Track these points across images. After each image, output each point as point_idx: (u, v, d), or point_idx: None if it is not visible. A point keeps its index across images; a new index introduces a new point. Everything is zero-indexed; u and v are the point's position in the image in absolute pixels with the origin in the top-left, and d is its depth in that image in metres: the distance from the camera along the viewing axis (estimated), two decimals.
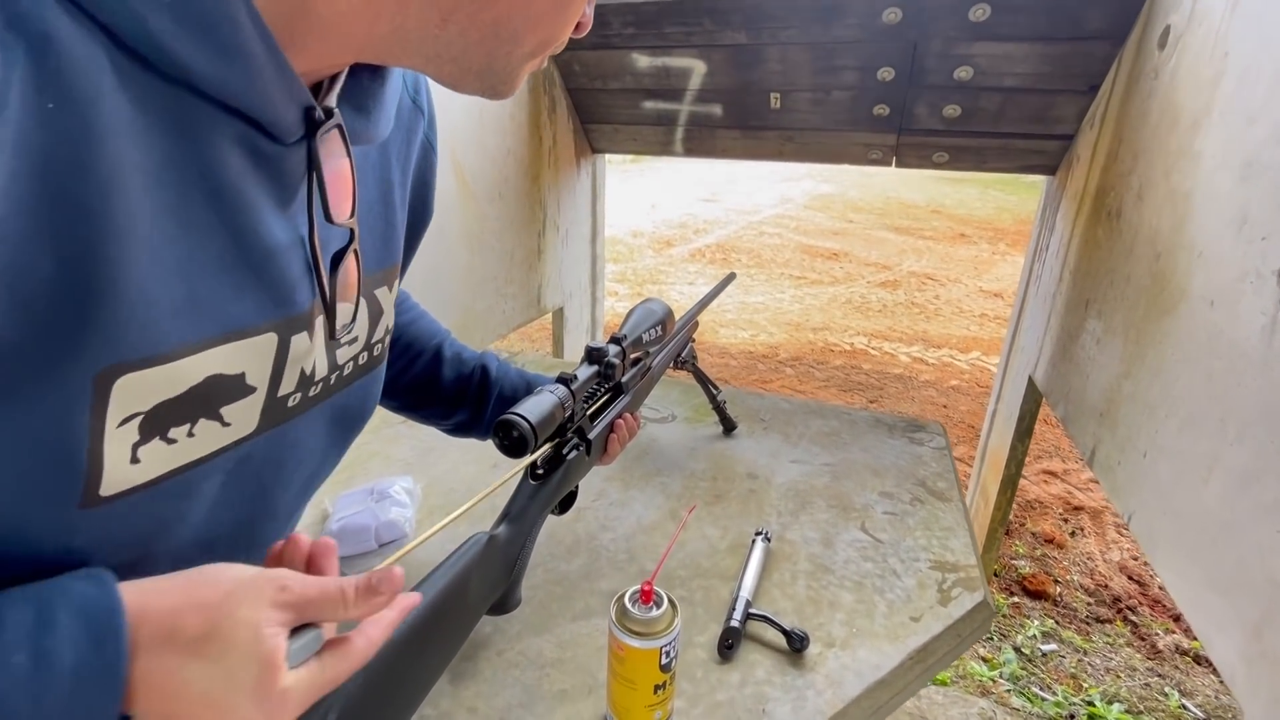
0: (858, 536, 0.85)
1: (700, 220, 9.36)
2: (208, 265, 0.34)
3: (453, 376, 0.71)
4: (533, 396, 0.53)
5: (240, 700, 0.30)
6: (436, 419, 0.73)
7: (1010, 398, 1.82)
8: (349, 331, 0.46)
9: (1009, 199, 15.40)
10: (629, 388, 0.73)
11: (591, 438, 0.65)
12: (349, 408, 0.50)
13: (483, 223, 1.64)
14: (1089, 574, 2.07)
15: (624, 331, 0.68)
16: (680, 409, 1.18)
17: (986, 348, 4.46)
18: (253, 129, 0.34)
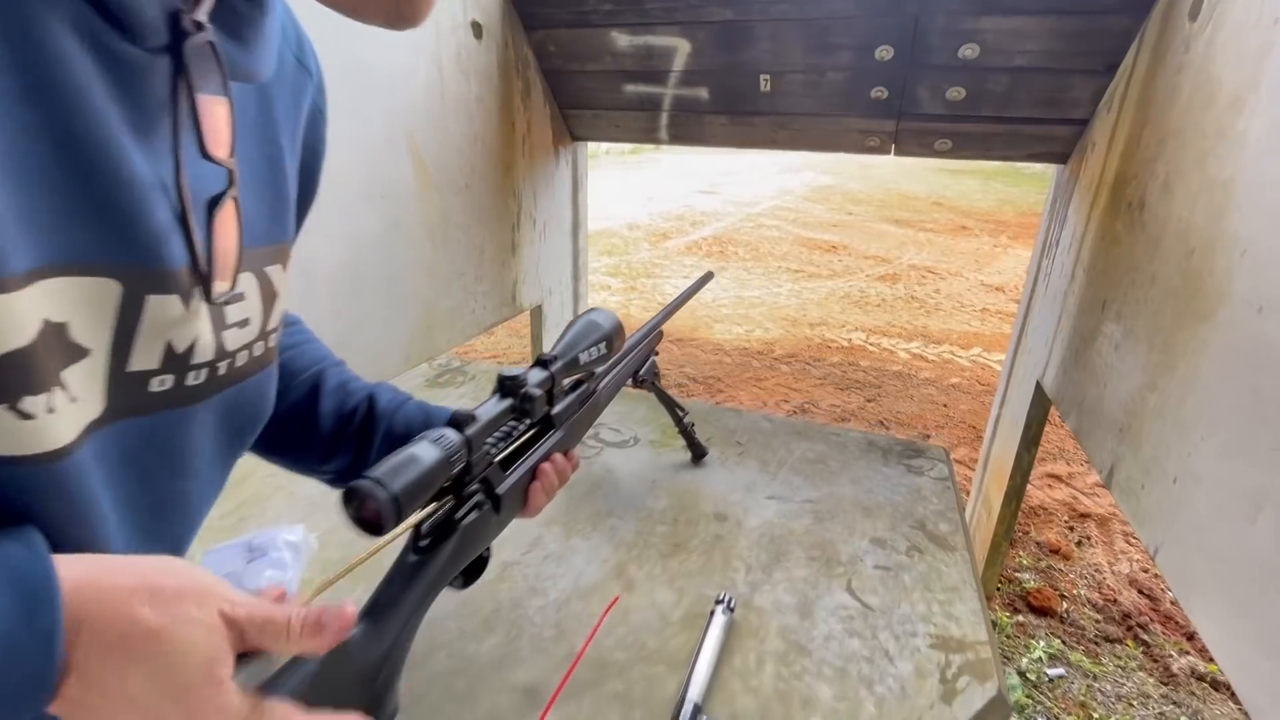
0: (843, 601, 0.72)
1: (697, 212, 9.21)
2: (28, 178, 0.27)
3: (332, 410, 0.56)
4: (404, 450, 0.40)
5: (169, 707, 0.27)
6: (313, 465, 0.58)
7: (1015, 403, 1.71)
8: (237, 307, 0.39)
9: (1011, 190, 15.25)
10: (562, 421, 0.60)
11: (502, 491, 0.51)
12: (242, 409, 0.43)
13: (447, 215, 1.51)
14: (1097, 587, 1.96)
15: (555, 351, 0.56)
16: (645, 429, 1.05)
17: (988, 344, 4.34)
18: (100, 19, 0.28)
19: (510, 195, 1.75)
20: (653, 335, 0.85)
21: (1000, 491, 1.71)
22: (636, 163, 17.41)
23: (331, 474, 0.58)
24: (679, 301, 0.92)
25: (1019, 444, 1.61)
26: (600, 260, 6.26)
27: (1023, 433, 1.60)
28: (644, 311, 4.72)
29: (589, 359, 0.58)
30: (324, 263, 1.18)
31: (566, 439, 0.60)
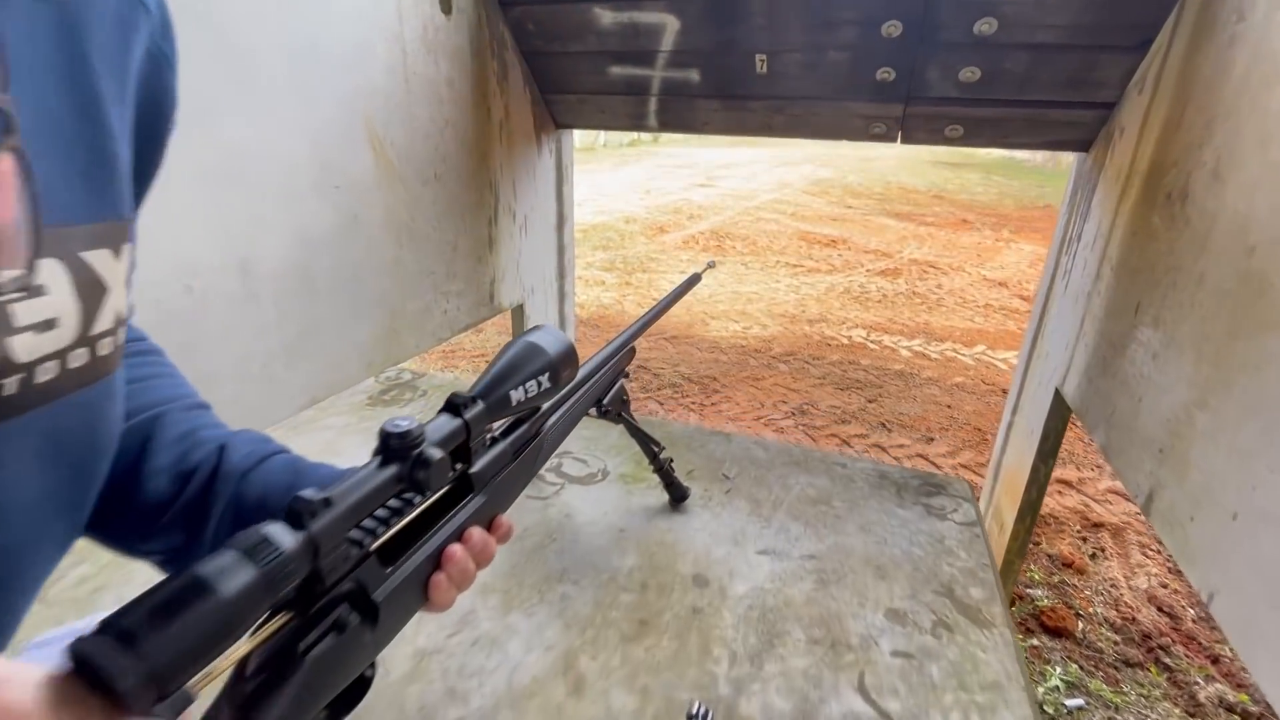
0: (854, 707, 0.56)
1: (694, 206, 9.07)
2: None
3: (166, 468, 0.43)
4: (190, 571, 0.25)
5: None
6: (132, 543, 0.44)
7: (1031, 411, 1.58)
8: (34, 303, 0.30)
9: (1011, 184, 15.12)
10: (485, 480, 0.46)
11: (380, 598, 0.36)
12: (63, 438, 0.34)
13: (414, 209, 1.38)
14: (1114, 604, 1.84)
15: (476, 388, 0.43)
16: (616, 460, 0.90)
17: (992, 341, 4.22)
18: None
19: (486, 187, 1.62)
20: (621, 354, 0.72)
21: (1014, 505, 1.59)
22: (634, 155, 17.22)
23: (160, 556, 0.44)
24: (659, 311, 0.80)
25: (1035, 455, 1.49)
26: (595, 255, 6.13)
27: (1039, 444, 1.48)
28: (638, 308, 4.60)
29: (527, 396, 0.45)
30: (266, 262, 1.05)
31: (493, 503, 0.45)
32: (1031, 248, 7.48)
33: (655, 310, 0.79)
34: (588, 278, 5.41)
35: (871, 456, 2.44)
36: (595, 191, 9.98)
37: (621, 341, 0.72)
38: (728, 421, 2.94)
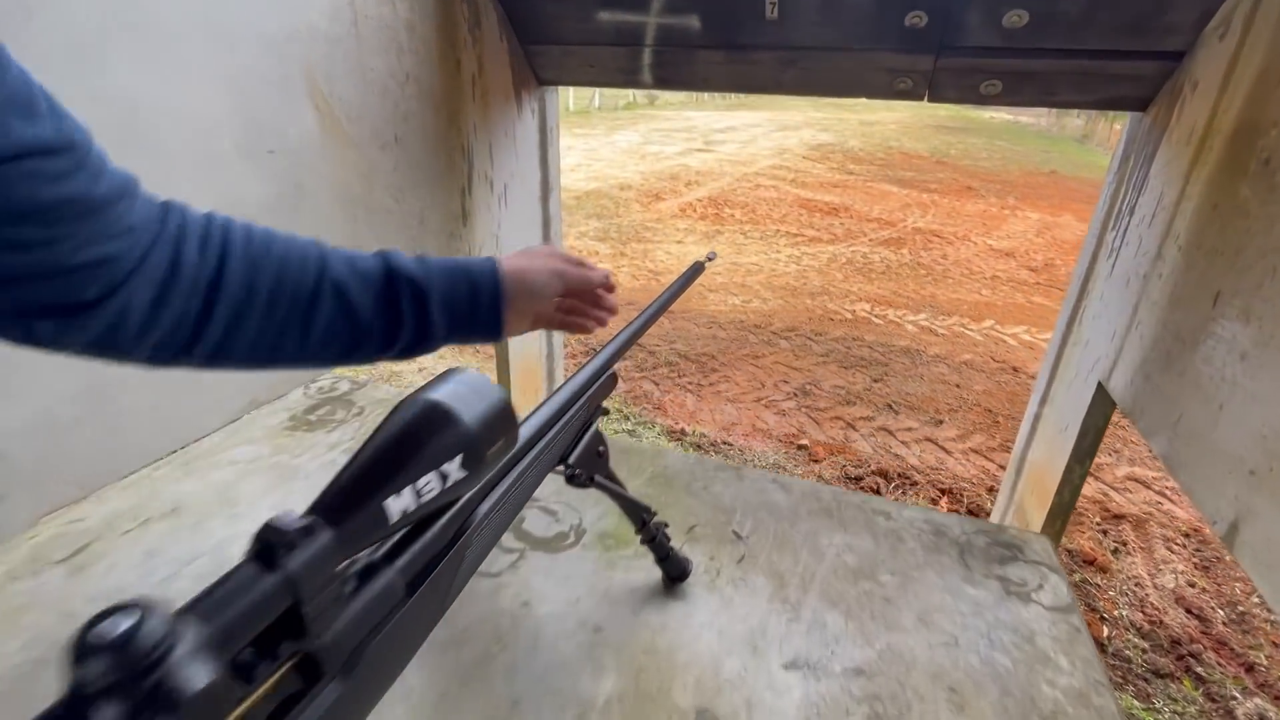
0: None
1: (692, 172, 8.78)
2: None
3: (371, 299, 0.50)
4: None
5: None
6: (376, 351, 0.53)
7: (1065, 404, 1.43)
8: None
9: (1016, 149, 14.78)
10: (345, 654, 0.28)
11: None
12: None
13: (370, 177, 1.20)
14: (1139, 606, 1.73)
15: (322, 502, 0.26)
16: (594, 511, 0.69)
17: (1001, 316, 4.06)
18: None
19: (458, 151, 1.43)
20: (596, 386, 0.54)
21: (1042, 506, 1.45)
22: (629, 119, 16.74)
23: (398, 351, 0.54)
24: (648, 319, 0.63)
25: (1070, 455, 1.35)
26: (588, 224, 5.90)
27: (1075, 442, 1.33)
28: (633, 280, 4.41)
29: (422, 500, 0.28)
30: None
31: (371, 683, 0.29)
32: (1038, 216, 7.27)
33: (643, 319, 0.63)
34: (580, 248, 5.19)
35: (920, 504, 2.30)
36: (589, 157, 9.66)
37: (595, 369, 0.55)
38: (727, 403, 2.79)
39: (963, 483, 2.31)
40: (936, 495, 2.21)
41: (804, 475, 2.25)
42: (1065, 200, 8.50)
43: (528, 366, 1.97)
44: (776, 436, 2.54)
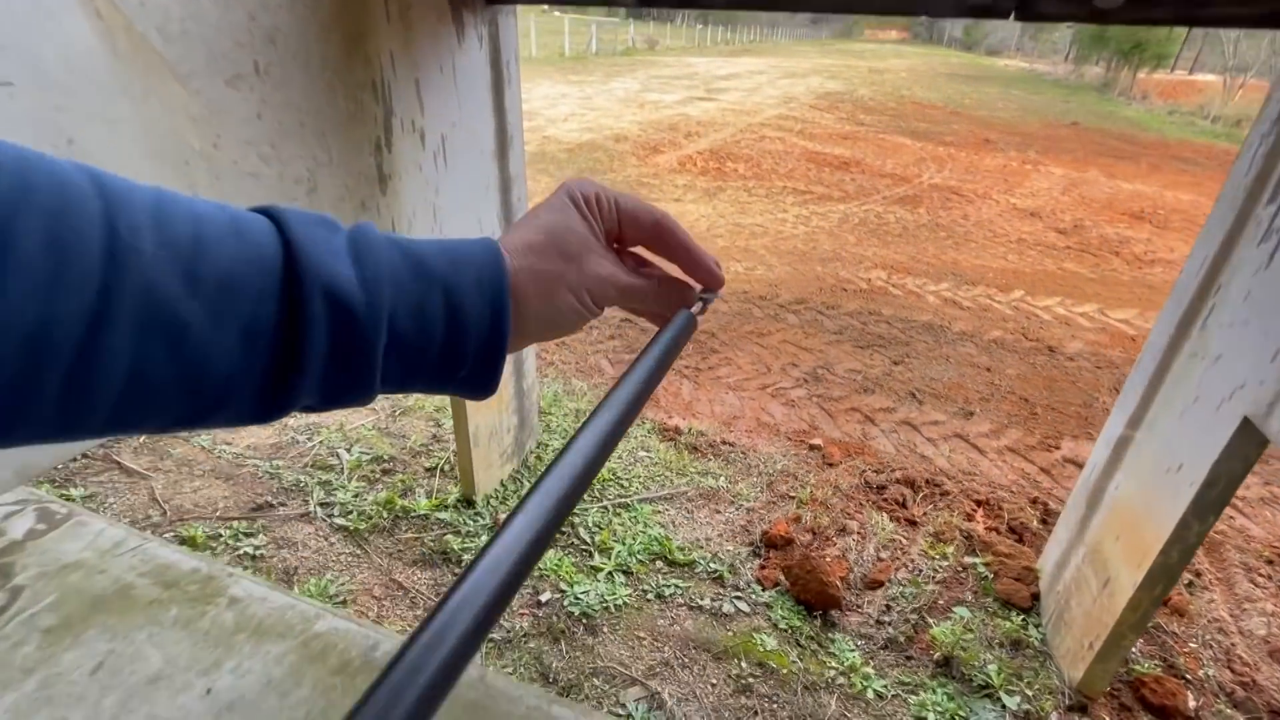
0: None
1: (693, 122, 8.23)
2: None
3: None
4: None
5: None
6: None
7: (1178, 435, 1.09)
8: None
9: (1034, 99, 14.08)
10: None
11: None
12: None
13: (216, 125, 0.82)
14: (1226, 661, 1.43)
15: None
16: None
17: (1031, 285, 3.69)
18: None
19: (365, 90, 1.04)
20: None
21: (1137, 563, 1.13)
22: (627, 65, 15.88)
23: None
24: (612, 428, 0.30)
25: (1188, 507, 1.01)
26: (579, 181, 5.44)
27: (1199, 492, 0.99)
28: None
29: None
30: None
31: None
32: (1062, 172, 6.79)
33: (621, 405, 0.31)
34: None
35: (953, 519, 1.97)
36: (583, 106, 9.05)
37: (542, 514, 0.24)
38: (728, 391, 2.45)
39: (1001, 492, 1.99)
40: (971, 509, 1.89)
41: (818, 483, 1.94)
42: (1090, 154, 7.99)
43: None
44: (785, 434, 2.21)
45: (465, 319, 0.33)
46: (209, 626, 1.24)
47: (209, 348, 0.26)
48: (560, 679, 1.30)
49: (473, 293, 0.33)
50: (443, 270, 0.33)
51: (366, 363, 0.30)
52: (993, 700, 1.31)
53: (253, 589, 1.31)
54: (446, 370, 0.34)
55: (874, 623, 1.49)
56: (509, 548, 0.24)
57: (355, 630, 1.23)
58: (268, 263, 0.28)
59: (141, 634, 1.22)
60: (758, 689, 1.31)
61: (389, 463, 1.89)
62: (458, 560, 1.56)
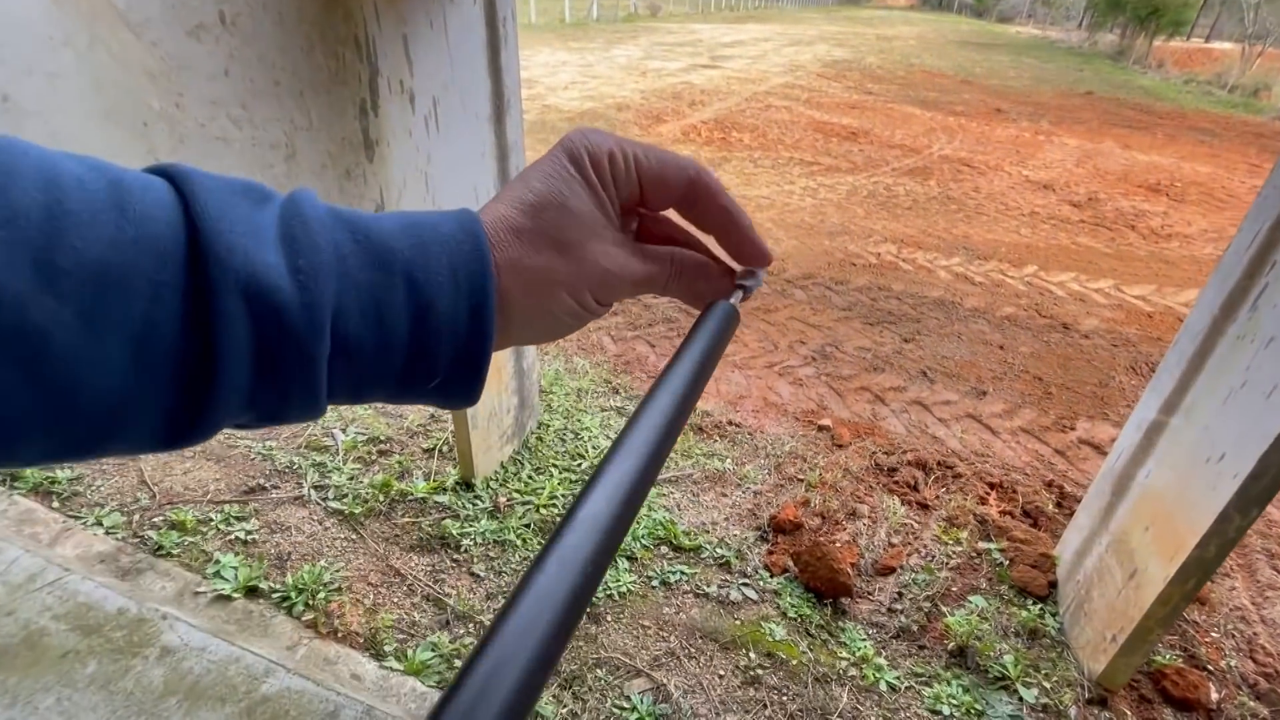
0: None
1: (697, 91, 8.02)
2: None
3: None
4: None
5: None
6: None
7: (1222, 424, 1.02)
8: None
9: (1047, 67, 13.73)
10: None
11: None
12: None
13: (177, 82, 0.74)
14: (1248, 651, 1.39)
15: None
16: None
17: (1044, 260, 3.59)
18: None
19: (348, 46, 0.95)
20: None
21: (1169, 555, 1.07)
22: (630, 31, 15.46)
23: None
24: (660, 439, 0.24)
25: (1231, 499, 0.95)
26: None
27: (1245, 483, 0.93)
28: None
29: None
30: None
31: None
32: (1076, 143, 6.62)
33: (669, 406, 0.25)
34: None
35: (967, 502, 1.91)
36: (584, 74, 8.82)
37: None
38: (734, 370, 2.39)
39: (1014, 474, 1.94)
40: (984, 492, 1.84)
41: (827, 465, 1.88)
42: (1105, 125, 7.79)
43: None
44: (793, 414, 2.15)
45: (438, 320, 0.25)
46: (132, 687, 1.01)
47: (80, 364, 0.19)
48: (562, 670, 1.26)
49: (446, 287, 0.26)
50: (406, 256, 0.25)
51: (305, 377, 0.23)
52: (1009, 692, 1.27)
53: (190, 636, 1.10)
54: (414, 381, 0.27)
55: (886, 611, 1.45)
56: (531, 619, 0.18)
57: (311, 691, 1.03)
58: (164, 247, 0.20)
59: (49, 697, 0.98)
60: (767, 681, 1.27)
61: (385, 444, 1.83)
62: (456, 545, 1.51)
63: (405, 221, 0.26)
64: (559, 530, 0.21)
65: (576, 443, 1.87)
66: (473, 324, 0.26)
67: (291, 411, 0.24)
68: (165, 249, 0.20)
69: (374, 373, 0.25)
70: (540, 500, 1.64)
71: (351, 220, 0.25)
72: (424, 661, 1.24)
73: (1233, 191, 5.23)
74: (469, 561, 1.49)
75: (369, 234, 0.25)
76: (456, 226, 0.27)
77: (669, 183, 0.31)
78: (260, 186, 0.24)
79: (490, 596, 1.41)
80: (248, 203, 0.23)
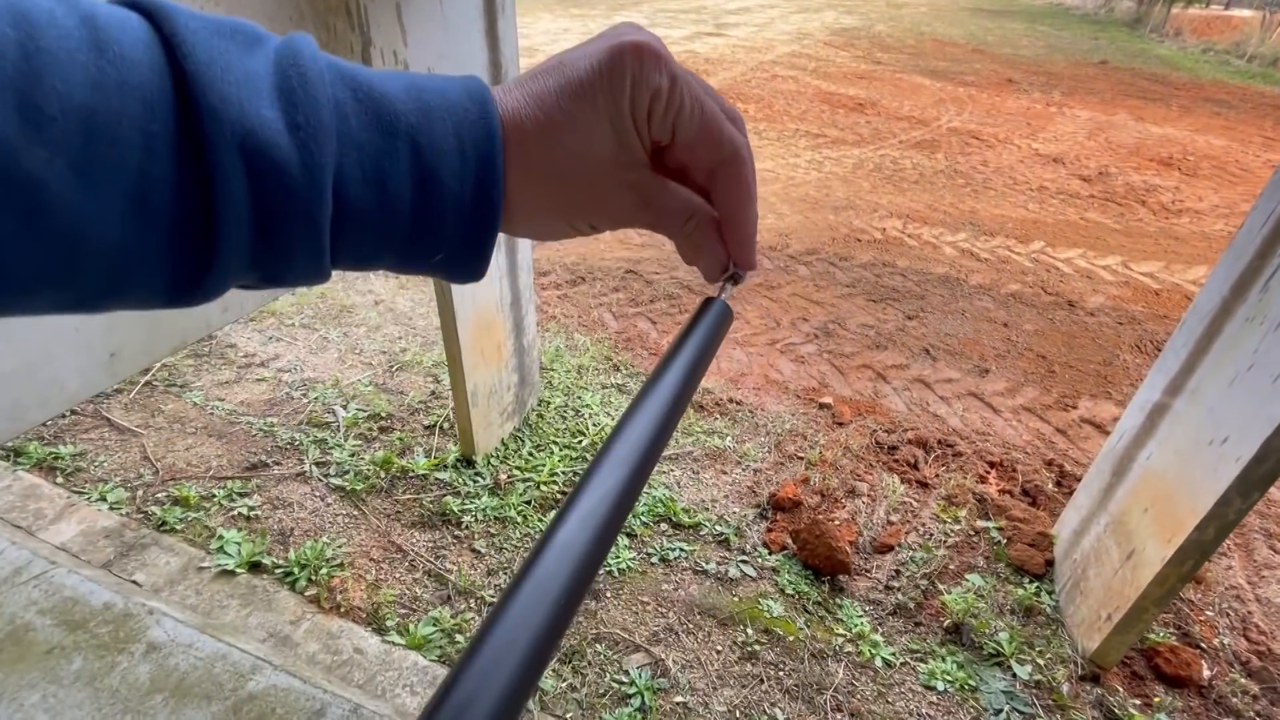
0: None
1: (701, 59, 7.85)
2: None
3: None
4: None
5: None
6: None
7: (1227, 406, 1.01)
8: None
9: (1061, 35, 13.39)
10: None
11: None
12: None
13: None
14: (1242, 629, 1.40)
15: None
16: None
17: (1051, 236, 3.54)
18: None
19: (338, 15, 0.92)
20: None
21: (1168, 537, 1.07)
22: None
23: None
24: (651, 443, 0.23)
25: (1232, 483, 0.95)
26: None
27: (1248, 466, 0.92)
28: None
29: None
30: None
31: None
32: (1088, 114, 6.49)
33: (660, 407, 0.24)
34: None
35: (966, 481, 1.91)
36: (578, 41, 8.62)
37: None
38: (735, 347, 2.37)
39: (1015, 453, 1.93)
40: (985, 471, 1.84)
41: (827, 443, 1.88)
42: (1118, 96, 7.61)
43: (484, 319, 1.54)
44: (794, 391, 2.14)
45: (442, 191, 0.24)
46: (118, 684, 1.00)
47: (80, 216, 0.18)
48: (562, 646, 1.28)
49: (452, 157, 0.24)
50: (410, 119, 0.24)
51: (307, 239, 0.22)
52: (1003, 669, 1.28)
53: (177, 632, 1.08)
54: (417, 251, 0.26)
55: (883, 588, 1.46)
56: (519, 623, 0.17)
57: (298, 689, 1.02)
58: (152, 95, 0.19)
59: (34, 694, 0.97)
60: (763, 656, 1.29)
61: (386, 420, 1.83)
62: (457, 522, 1.52)
63: (409, 82, 0.25)
64: (552, 525, 0.20)
65: (577, 420, 1.87)
66: (478, 199, 0.25)
67: (296, 274, 0.24)
68: (151, 96, 0.19)
69: (376, 240, 0.25)
70: (541, 477, 1.65)
71: (353, 76, 0.24)
72: (425, 636, 1.26)
73: (1246, 166, 5.13)
74: (470, 538, 1.50)
75: (371, 92, 0.23)
76: (462, 92, 0.25)
77: (700, 152, 0.29)
78: (251, 27, 0.23)
79: (491, 572, 1.43)
80: (238, 46, 0.21)
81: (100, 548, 1.38)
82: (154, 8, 0.20)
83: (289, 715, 0.99)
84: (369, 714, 1.05)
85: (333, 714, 1.01)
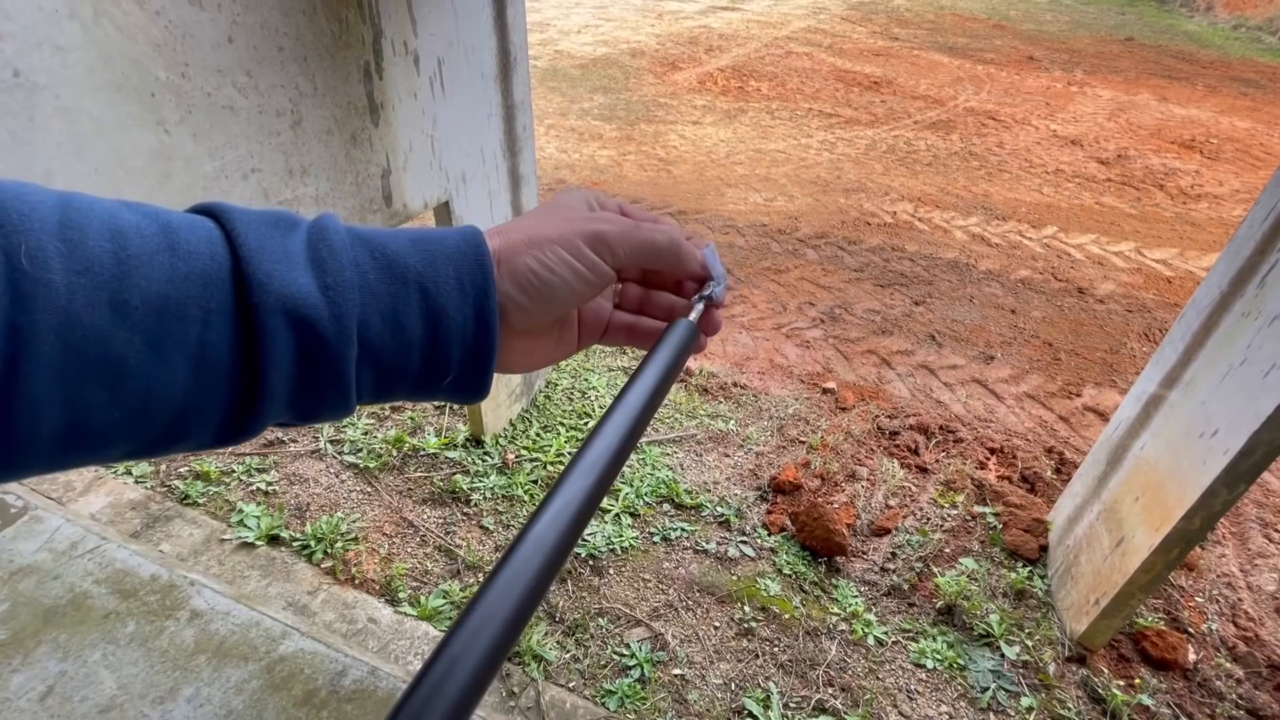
0: None
1: (714, 36, 7.73)
2: None
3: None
4: None
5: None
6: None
7: (1217, 399, 1.03)
8: None
9: (1086, 10, 13.01)
10: None
11: None
12: None
13: (183, 52, 0.74)
14: (1231, 616, 1.43)
15: None
16: None
17: (1065, 221, 3.51)
18: None
19: (349, 6, 0.94)
20: None
21: (1155, 525, 1.10)
22: None
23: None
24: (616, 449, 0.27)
25: (1218, 476, 0.97)
26: (592, 99, 5.17)
27: (1233, 460, 0.95)
28: (640, 171, 3.84)
29: None
30: None
31: None
32: (1110, 94, 6.34)
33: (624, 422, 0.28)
34: (582, 129, 4.56)
35: (965, 467, 1.93)
36: (598, 16, 8.50)
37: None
38: (741, 331, 2.40)
39: (1016, 439, 1.96)
40: (984, 457, 1.87)
41: (829, 428, 1.91)
42: (1142, 74, 7.42)
43: None
44: (798, 376, 2.17)
45: (448, 323, 0.30)
46: (167, 645, 1.13)
47: (153, 382, 0.23)
48: (566, 619, 1.33)
49: (454, 295, 0.30)
50: (418, 270, 0.29)
51: (337, 380, 0.28)
52: (992, 649, 1.32)
53: (216, 601, 1.21)
54: (430, 379, 0.31)
55: (878, 570, 1.50)
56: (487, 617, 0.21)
57: (323, 653, 1.13)
58: (213, 279, 0.25)
59: (95, 653, 1.10)
60: (759, 633, 1.34)
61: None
62: (466, 499, 1.58)
63: (416, 237, 0.30)
64: (527, 524, 0.24)
65: (583, 401, 1.91)
66: (478, 325, 0.30)
67: (325, 411, 0.29)
68: (212, 279, 0.24)
69: (395, 373, 0.30)
70: (547, 457, 1.69)
71: (369, 239, 0.29)
72: (436, 608, 1.32)
73: (1271, 149, 5.02)
74: (478, 515, 1.55)
75: (385, 251, 0.29)
76: (461, 239, 0.31)
77: (652, 266, 0.38)
78: (289, 215, 0.29)
79: (499, 548, 1.48)
80: (279, 231, 0.27)
81: (128, 519, 1.44)
82: (218, 210, 0.27)
83: (315, 675, 1.10)
84: (385, 674, 1.11)
85: (353, 674, 1.11)
